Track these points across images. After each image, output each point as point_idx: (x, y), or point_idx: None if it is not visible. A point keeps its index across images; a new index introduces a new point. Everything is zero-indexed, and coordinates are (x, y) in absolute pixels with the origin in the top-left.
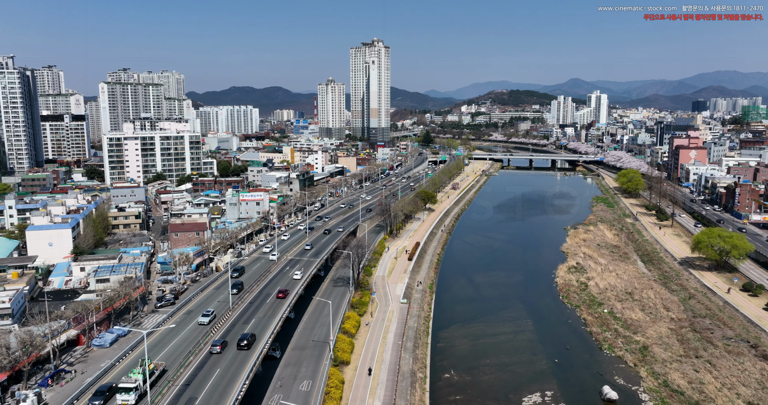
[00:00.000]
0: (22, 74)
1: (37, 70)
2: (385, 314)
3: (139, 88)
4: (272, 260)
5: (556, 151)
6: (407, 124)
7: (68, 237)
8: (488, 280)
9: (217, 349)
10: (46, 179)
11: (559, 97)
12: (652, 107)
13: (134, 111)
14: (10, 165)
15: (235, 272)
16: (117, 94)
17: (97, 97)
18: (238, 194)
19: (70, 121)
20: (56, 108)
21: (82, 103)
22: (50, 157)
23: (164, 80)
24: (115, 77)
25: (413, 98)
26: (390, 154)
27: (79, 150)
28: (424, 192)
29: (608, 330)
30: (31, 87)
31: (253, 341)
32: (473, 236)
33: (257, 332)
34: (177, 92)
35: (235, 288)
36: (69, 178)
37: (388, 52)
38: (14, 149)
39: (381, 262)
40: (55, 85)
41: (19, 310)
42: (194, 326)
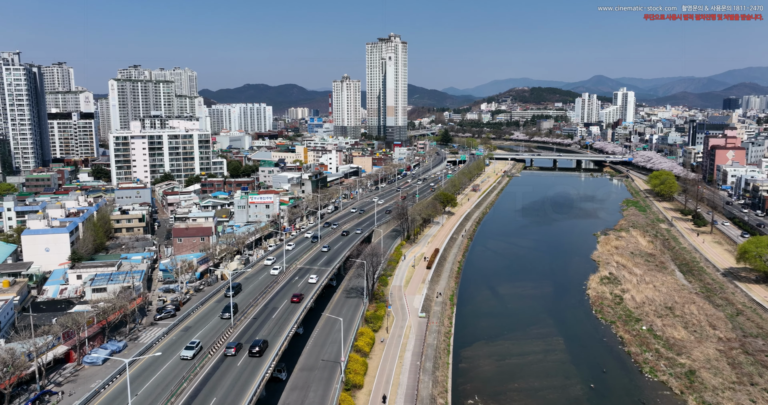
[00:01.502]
0: (29, 71)
1: (47, 67)
2: (402, 330)
3: (150, 86)
4: (273, 275)
5: (581, 150)
6: (425, 122)
7: (66, 242)
8: (514, 291)
9: (231, 351)
10: (51, 179)
11: (583, 95)
12: (681, 105)
13: (144, 109)
14: (15, 164)
15: (230, 290)
16: (127, 91)
17: (108, 95)
18: (247, 196)
19: (78, 119)
20: (65, 106)
21: (91, 101)
22: (58, 156)
23: (176, 77)
24: (126, 74)
25: (431, 96)
26: (407, 154)
27: (87, 149)
28: (443, 194)
29: (648, 350)
30: (37, 84)
31: (265, 348)
32: (496, 242)
33: (260, 360)
34: (189, 90)
35: (227, 311)
36: (75, 178)
37: (405, 47)
38: (20, 148)
39: (397, 270)
40: (65, 83)
41: (6, 323)
42: (177, 360)
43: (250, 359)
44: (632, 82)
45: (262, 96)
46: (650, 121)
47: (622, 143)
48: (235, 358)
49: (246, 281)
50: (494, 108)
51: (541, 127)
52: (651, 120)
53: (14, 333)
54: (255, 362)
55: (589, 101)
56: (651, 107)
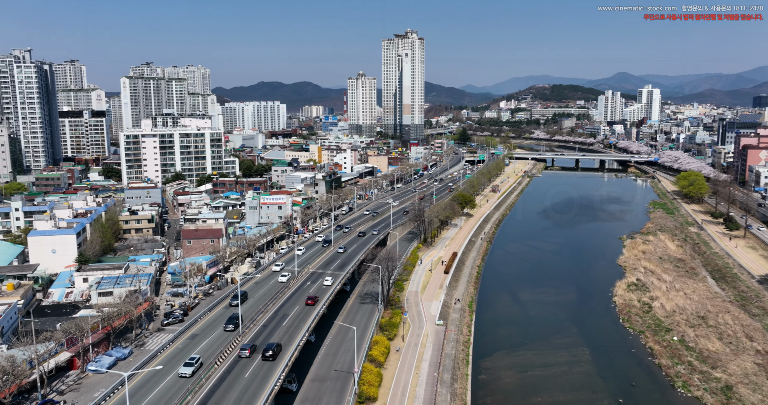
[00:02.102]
0: (40, 68)
1: (59, 65)
2: (419, 338)
3: (162, 83)
4: (281, 282)
5: (604, 150)
6: (442, 120)
7: (72, 243)
8: (536, 297)
9: (246, 353)
10: (61, 179)
11: (606, 92)
12: (708, 103)
13: (156, 107)
14: (26, 163)
15: (235, 299)
16: (139, 89)
17: (120, 93)
18: (259, 197)
19: (89, 118)
20: (77, 104)
21: (103, 99)
22: (69, 154)
23: (189, 75)
24: (138, 72)
25: (448, 93)
26: (424, 153)
27: (99, 148)
28: (461, 195)
29: (681, 363)
30: (49, 82)
31: (278, 352)
32: (517, 245)
33: (269, 370)
34: (202, 87)
35: (231, 323)
36: (85, 178)
37: (422, 43)
38: (30, 147)
39: (414, 275)
40: (77, 80)
41: (9, 328)
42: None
43: (262, 364)
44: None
45: (276, 94)
46: (676, 119)
47: (648, 143)
48: (247, 364)
49: (255, 287)
50: (514, 106)
51: (562, 125)
52: (677, 118)
53: (16, 339)
54: (265, 371)
55: (613, 99)
56: (677, 105)
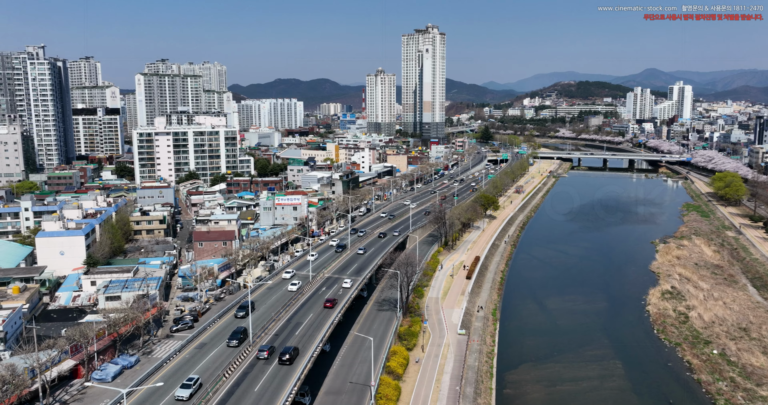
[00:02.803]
0: (53, 65)
1: (74, 62)
2: (440, 349)
3: (177, 80)
4: (291, 291)
5: (633, 149)
6: (463, 118)
7: (81, 245)
8: (563, 305)
9: (264, 354)
10: (73, 177)
11: (635, 89)
12: (743, 100)
13: (171, 104)
14: (39, 161)
15: (242, 310)
16: (154, 86)
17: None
18: (274, 197)
19: (103, 115)
20: (92, 101)
21: (118, 96)
22: (83, 153)
23: (205, 72)
24: (153, 68)
25: (470, 90)
26: (445, 152)
27: (112, 146)
28: (484, 196)
29: (722, 379)
30: (62, 79)
31: (296, 356)
32: (542, 250)
33: (280, 383)
34: (218, 85)
35: (235, 338)
36: (98, 177)
37: (444, 39)
38: (43, 145)
39: (434, 280)
40: (91, 77)
41: (13, 334)
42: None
43: (275, 372)
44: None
45: (293, 91)
46: (709, 117)
47: (679, 141)
48: (258, 374)
49: (267, 293)
50: (538, 103)
51: (589, 123)
52: (710, 116)
53: (18, 346)
54: (277, 383)
55: (642, 96)
56: (710, 102)
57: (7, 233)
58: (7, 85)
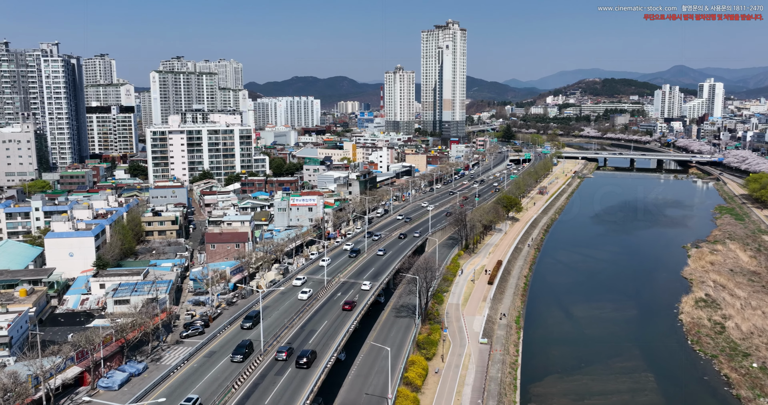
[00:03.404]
0: (67, 62)
1: (89, 59)
2: (460, 358)
3: (192, 78)
4: (302, 299)
5: (661, 149)
6: (484, 117)
7: (90, 246)
8: (590, 313)
9: (282, 355)
10: (85, 177)
11: (663, 87)
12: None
13: (186, 102)
14: (52, 160)
15: (248, 321)
16: (169, 83)
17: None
18: (288, 198)
19: (117, 113)
20: (106, 99)
21: (132, 94)
22: (96, 151)
23: (221, 69)
24: (168, 66)
25: (491, 88)
26: (465, 152)
27: (126, 144)
28: (506, 197)
29: (764, 395)
30: (76, 76)
31: (313, 359)
32: (567, 254)
33: (292, 396)
34: (234, 82)
35: (239, 353)
36: (110, 176)
37: (464, 35)
38: (57, 143)
39: (454, 285)
40: (106, 75)
41: (19, 339)
42: None
43: (290, 379)
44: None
45: (310, 89)
46: (742, 116)
47: (710, 141)
48: (273, 380)
49: (281, 298)
50: (561, 101)
51: (615, 122)
52: (743, 115)
53: (22, 353)
54: (290, 394)
55: (671, 94)
56: (741, 100)
57: (17, 233)
58: (20, 82)
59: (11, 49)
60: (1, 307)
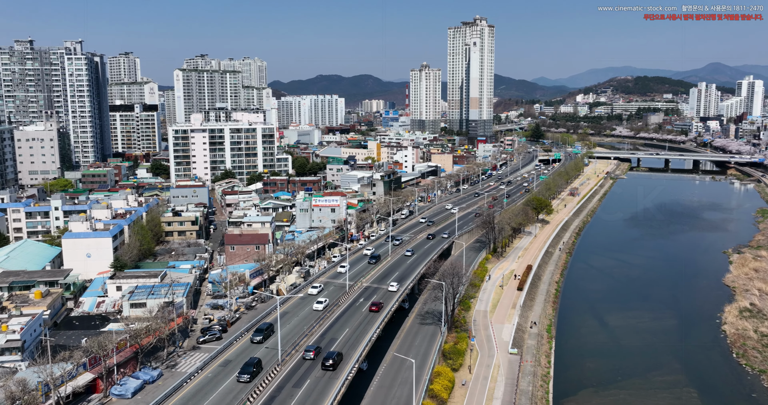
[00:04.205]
0: (90, 60)
1: (114, 58)
2: (489, 370)
3: (216, 76)
4: (317, 309)
5: (697, 149)
6: (512, 116)
7: (108, 247)
8: (626, 322)
9: (310, 354)
10: (107, 175)
11: (699, 84)
12: None
13: (210, 100)
14: (75, 159)
15: (258, 334)
16: (192, 81)
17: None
18: (310, 198)
19: (140, 112)
20: (130, 97)
21: (156, 92)
22: (120, 150)
23: (245, 68)
24: (192, 64)
25: (519, 87)
26: (493, 151)
27: (149, 143)
28: (536, 199)
29: None
30: (99, 74)
31: (339, 361)
32: (601, 258)
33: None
34: (259, 81)
35: (246, 373)
36: (132, 174)
37: (492, 31)
38: (80, 141)
39: (482, 291)
40: (131, 73)
41: (32, 343)
42: None
43: (310, 390)
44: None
45: (335, 87)
46: None
47: (749, 141)
48: (290, 393)
49: (300, 304)
50: (592, 100)
51: (648, 121)
52: None
53: (32, 360)
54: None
55: (707, 92)
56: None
57: (37, 233)
58: (44, 80)
59: (36, 47)
60: (15, 309)
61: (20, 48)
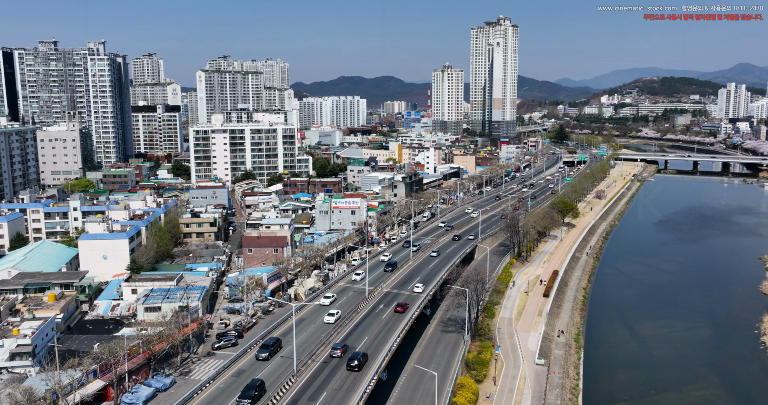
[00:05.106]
0: (113, 61)
1: (137, 59)
2: (515, 381)
3: (238, 77)
4: (328, 322)
5: (727, 151)
6: (536, 117)
7: (124, 249)
8: (658, 332)
9: (337, 352)
10: (128, 176)
11: (728, 85)
12: None
13: (232, 101)
14: (97, 159)
15: (264, 350)
16: (215, 82)
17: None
18: (330, 200)
19: (162, 112)
20: (153, 98)
21: (179, 93)
22: (142, 150)
23: (267, 69)
24: (215, 65)
25: (542, 88)
26: (516, 153)
27: (171, 143)
28: (561, 202)
29: None
30: (122, 75)
31: (364, 362)
32: (629, 264)
33: None
34: (281, 82)
35: (247, 397)
36: (153, 175)
37: (516, 31)
38: (102, 142)
39: (506, 297)
40: (154, 74)
41: (43, 347)
42: None
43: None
44: None
45: (357, 89)
46: None
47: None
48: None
49: (318, 310)
50: (617, 101)
51: (675, 122)
52: None
53: (41, 367)
54: None
55: (736, 92)
56: None
57: (55, 233)
58: (67, 81)
59: (59, 48)
60: (28, 312)
61: (44, 49)
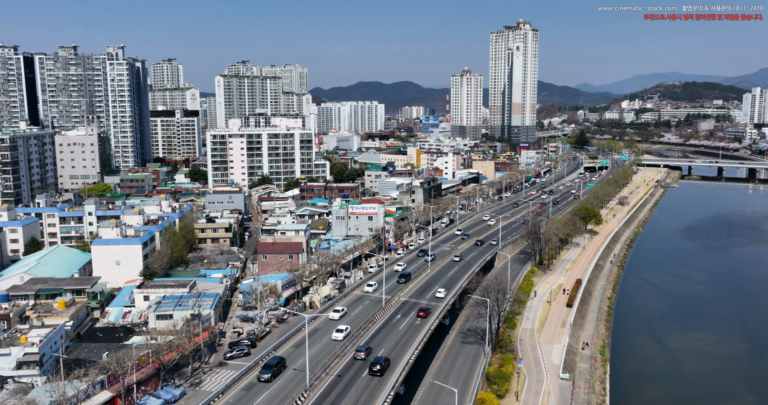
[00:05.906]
0: (132, 66)
1: (157, 64)
2: (538, 397)
3: (257, 82)
4: (337, 339)
5: (753, 157)
6: (555, 122)
7: (138, 255)
8: (688, 345)
9: (361, 355)
10: (145, 180)
11: (753, 90)
12: None
13: (251, 106)
14: (115, 163)
15: (266, 371)
16: (233, 87)
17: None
18: (347, 206)
19: (181, 117)
20: (172, 103)
21: (198, 98)
22: (160, 155)
23: (286, 74)
24: (233, 70)
25: (561, 93)
26: (536, 158)
27: (190, 148)
28: (584, 208)
29: None
30: (140, 80)
31: (387, 366)
32: (655, 273)
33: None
34: (299, 87)
35: None
36: (171, 180)
37: (536, 35)
38: (120, 146)
39: (528, 307)
40: (173, 79)
41: (53, 356)
42: None
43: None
44: None
45: (375, 94)
46: None
47: None
48: None
49: (325, 326)
50: (638, 106)
51: (698, 128)
52: None
53: (46, 378)
54: None
55: (761, 97)
56: None
57: (70, 238)
58: (87, 86)
59: (79, 53)
60: (38, 319)
61: (64, 54)
